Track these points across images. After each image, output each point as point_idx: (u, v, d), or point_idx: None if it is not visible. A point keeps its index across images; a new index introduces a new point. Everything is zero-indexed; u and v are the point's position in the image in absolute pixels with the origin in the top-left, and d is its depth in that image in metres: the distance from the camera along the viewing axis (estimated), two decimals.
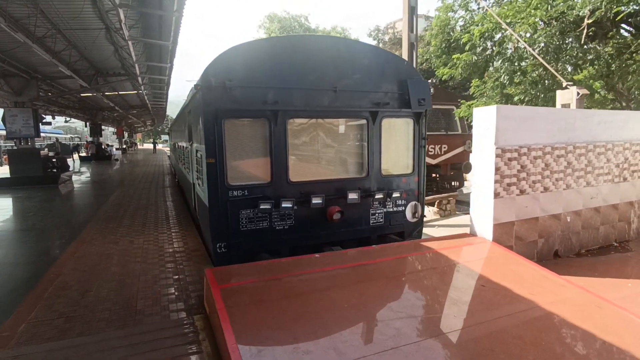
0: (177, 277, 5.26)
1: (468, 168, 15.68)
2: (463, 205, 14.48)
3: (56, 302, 4.42)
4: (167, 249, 6.57)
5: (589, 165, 6.40)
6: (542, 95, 9.71)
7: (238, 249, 5.78)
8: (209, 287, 3.94)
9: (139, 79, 15.81)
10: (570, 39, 10.02)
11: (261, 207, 5.70)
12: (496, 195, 5.51)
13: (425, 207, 7.80)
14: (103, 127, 40.59)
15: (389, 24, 43.18)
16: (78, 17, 9.26)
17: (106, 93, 22.59)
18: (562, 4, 8.77)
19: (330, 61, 6.17)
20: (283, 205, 5.79)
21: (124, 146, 49.80)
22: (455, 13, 15.46)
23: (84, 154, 34.16)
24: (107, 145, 37.57)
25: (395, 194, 6.76)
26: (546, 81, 9.81)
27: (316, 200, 6.06)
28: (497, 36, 10.04)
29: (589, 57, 9.83)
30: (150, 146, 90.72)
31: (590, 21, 9.06)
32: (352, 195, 6.38)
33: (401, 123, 6.90)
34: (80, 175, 20.67)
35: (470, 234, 5.93)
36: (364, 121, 6.55)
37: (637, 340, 3.37)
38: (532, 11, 9.33)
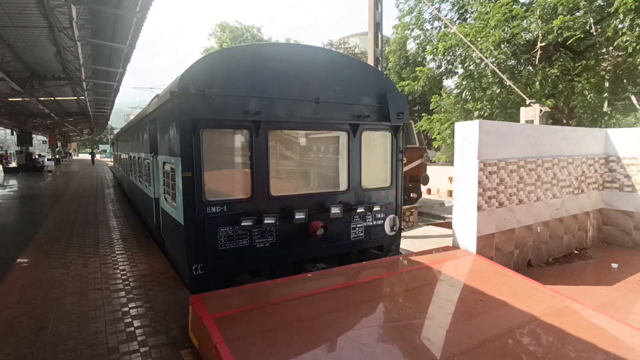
0: (149, 305, 4.68)
1: (426, 180, 16.21)
2: (423, 216, 14.85)
3: (6, 343, 3.69)
4: (130, 273, 5.89)
5: (554, 178, 6.78)
6: (499, 112, 10.31)
7: (216, 270, 5.31)
8: (198, 317, 3.50)
9: (84, 84, 14.50)
10: (521, 61, 10.78)
11: (242, 224, 5.30)
12: (479, 208, 5.60)
13: None
14: (32, 135, 36.82)
15: (341, 39, 44.11)
16: (19, 14, 8.24)
17: (41, 98, 20.54)
18: (517, 26, 9.44)
19: (312, 71, 5.99)
20: (265, 221, 5.44)
21: (57, 156, 45.58)
22: (412, 32, 16.14)
23: (13, 165, 30.54)
24: (39, 155, 34.05)
25: (376, 208, 6.67)
26: (499, 98, 10.43)
27: (299, 216, 5.77)
28: (458, 52, 10.54)
29: (538, 78, 10.64)
30: (87, 156, 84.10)
31: (543, 44, 9.85)
32: (335, 210, 6.18)
33: (380, 136, 6.87)
34: (4, 188, 18.43)
35: (452, 246, 5.97)
36: (344, 134, 6.42)
37: (635, 347, 3.48)
38: (491, 31, 9.93)
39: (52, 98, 22.15)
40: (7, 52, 11.46)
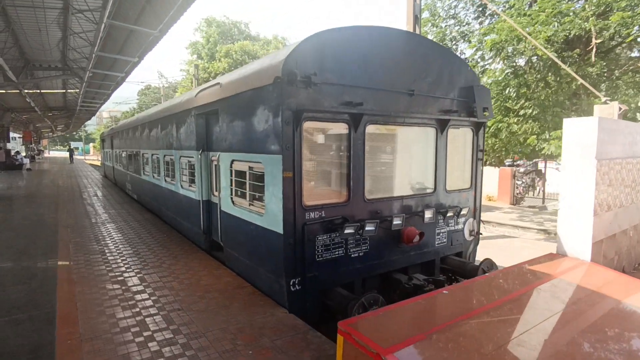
0: (254, 330, 3.94)
1: None
2: None
3: None
4: (202, 288, 5.10)
5: None
6: (544, 111, 10.01)
7: (313, 284, 4.64)
8: (368, 352, 2.83)
9: (87, 74, 13.30)
10: (564, 59, 10.52)
11: (346, 231, 4.64)
12: (594, 212, 5.14)
13: None
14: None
15: None
16: None
17: (27, 91, 18.95)
18: (570, 22, 9.15)
19: (407, 59, 5.39)
20: (367, 228, 4.80)
21: (32, 154, 42.79)
22: (433, 27, 15.77)
23: None
24: (17, 152, 31.83)
25: (464, 211, 6.15)
26: (546, 96, 10.12)
27: (397, 221, 5.16)
28: (509, 47, 10.11)
29: (575, 79, 10.41)
30: (60, 154, 79.49)
31: (598, 41, 9.62)
32: (428, 214, 5.62)
33: (461, 133, 6.34)
34: None
35: (558, 253, 5.49)
36: (432, 130, 5.85)
37: None
38: (539, 27, 9.61)
39: (38, 91, 20.51)
40: (9, 37, 10.26)
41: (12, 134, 53.74)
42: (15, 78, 13.44)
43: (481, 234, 6.73)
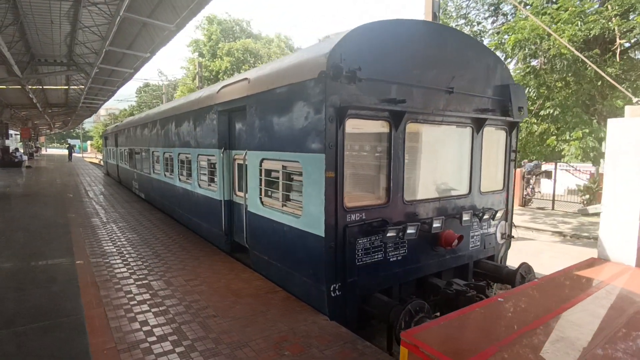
0: (301, 340, 3.72)
1: None
2: None
3: None
4: (232, 293, 4.87)
5: None
6: (566, 111, 9.84)
7: (353, 289, 4.43)
8: None
9: (94, 70, 12.99)
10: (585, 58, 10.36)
11: (388, 234, 4.43)
12: None
13: None
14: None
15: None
16: None
17: (30, 87, 18.59)
18: (594, 22, 8.99)
19: (446, 56, 5.18)
20: (408, 231, 4.59)
21: (30, 151, 42.29)
22: None
23: None
24: (16, 149, 31.40)
25: (499, 214, 5.96)
26: (568, 96, 9.96)
27: (437, 224, 4.96)
28: (532, 46, 9.89)
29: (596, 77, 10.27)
30: (57, 151, 78.76)
31: (623, 41, 9.47)
32: (466, 217, 5.42)
33: (494, 133, 6.15)
34: None
35: (599, 258, 5.30)
36: (468, 129, 5.65)
37: None
38: (562, 25, 9.45)
39: (41, 86, 20.15)
40: (16, 31, 9.96)
41: (9, 131, 53.29)
42: (20, 73, 13.12)
43: (513, 236, 6.54)
